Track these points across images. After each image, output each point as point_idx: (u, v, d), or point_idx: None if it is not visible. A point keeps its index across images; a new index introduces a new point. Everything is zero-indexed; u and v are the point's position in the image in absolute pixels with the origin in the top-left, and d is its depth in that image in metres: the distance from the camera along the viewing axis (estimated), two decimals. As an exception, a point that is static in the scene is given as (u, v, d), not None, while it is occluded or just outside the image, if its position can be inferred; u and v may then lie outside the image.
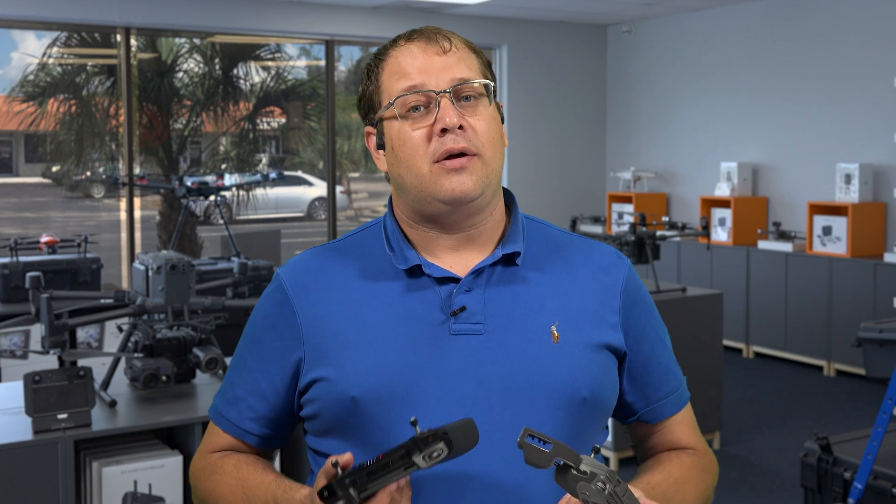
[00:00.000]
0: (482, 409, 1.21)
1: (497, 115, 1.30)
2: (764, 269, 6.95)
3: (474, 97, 1.26)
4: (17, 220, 8.11)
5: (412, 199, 1.27)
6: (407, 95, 1.24)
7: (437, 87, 1.24)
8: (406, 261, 1.27)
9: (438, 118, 1.23)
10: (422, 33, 1.28)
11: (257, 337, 1.33)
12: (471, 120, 1.24)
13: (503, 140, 1.30)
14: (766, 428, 5.26)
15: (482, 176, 1.24)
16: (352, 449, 1.24)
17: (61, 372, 2.50)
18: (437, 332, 1.24)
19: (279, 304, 1.31)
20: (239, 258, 5.11)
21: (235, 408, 1.34)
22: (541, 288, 1.29)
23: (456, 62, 1.26)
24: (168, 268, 2.84)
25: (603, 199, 8.86)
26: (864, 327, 2.97)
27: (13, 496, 2.37)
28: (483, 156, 1.24)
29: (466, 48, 1.29)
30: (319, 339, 1.27)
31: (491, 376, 1.22)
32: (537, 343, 1.25)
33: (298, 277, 1.31)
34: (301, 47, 8.80)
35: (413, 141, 1.24)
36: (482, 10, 7.94)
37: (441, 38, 1.27)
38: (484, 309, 1.25)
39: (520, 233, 1.31)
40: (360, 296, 1.28)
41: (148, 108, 7.93)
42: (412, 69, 1.25)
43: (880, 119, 6.59)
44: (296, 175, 9.13)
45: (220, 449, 1.36)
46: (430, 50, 1.26)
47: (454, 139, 1.22)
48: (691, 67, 8.13)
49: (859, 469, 2.74)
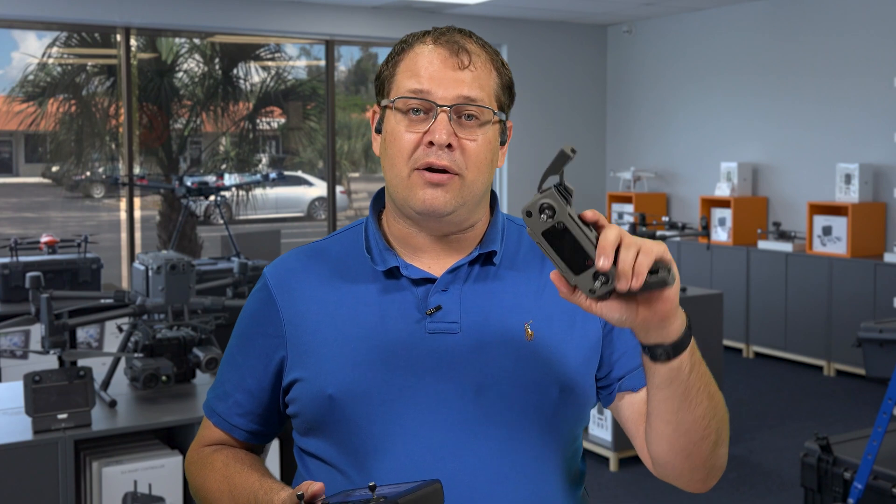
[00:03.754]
0: (455, 407, 1.23)
1: (496, 137, 1.29)
2: (764, 269, 6.95)
3: (476, 117, 1.25)
4: (17, 220, 8.11)
5: (393, 192, 1.29)
6: (410, 98, 1.25)
7: (440, 101, 1.24)
8: (384, 263, 1.29)
9: (430, 130, 1.23)
10: (448, 41, 1.27)
11: (244, 334, 1.36)
12: (464, 140, 1.24)
13: (494, 163, 1.29)
14: (766, 428, 5.26)
15: (457, 195, 1.24)
16: (331, 446, 1.26)
17: (61, 372, 2.50)
18: (413, 330, 1.25)
19: (264, 302, 1.33)
20: (239, 258, 5.10)
21: (224, 403, 1.37)
22: (516, 286, 1.30)
23: (470, 80, 1.25)
24: (168, 268, 2.84)
25: (603, 199, 8.86)
26: (864, 327, 2.97)
27: (13, 496, 2.37)
28: (464, 177, 1.24)
29: (488, 66, 1.28)
30: (300, 337, 1.29)
31: (464, 374, 1.24)
32: (511, 341, 1.26)
33: (282, 276, 1.33)
34: (301, 47, 8.81)
35: (402, 142, 1.25)
36: (482, 10, 7.94)
37: (463, 54, 1.26)
38: (459, 308, 1.26)
39: (498, 233, 1.32)
40: (338, 295, 1.29)
41: (148, 108, 7.93)
42: (425, 74, 1.25)
43: (880, 119, 6.59)
44: (296, 175, 9.13)
45: (212, 443, 1.40)
46: (449, 62, 1.25)
47: (439, 155, 1.23)
48: (691, 67, 8.13)
49: (859, 469, 2.74)
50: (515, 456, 1.23)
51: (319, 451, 1.28)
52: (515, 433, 1.24)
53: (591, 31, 8.87)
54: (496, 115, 1.27)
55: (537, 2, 7.66)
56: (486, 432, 1.23)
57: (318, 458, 1.29)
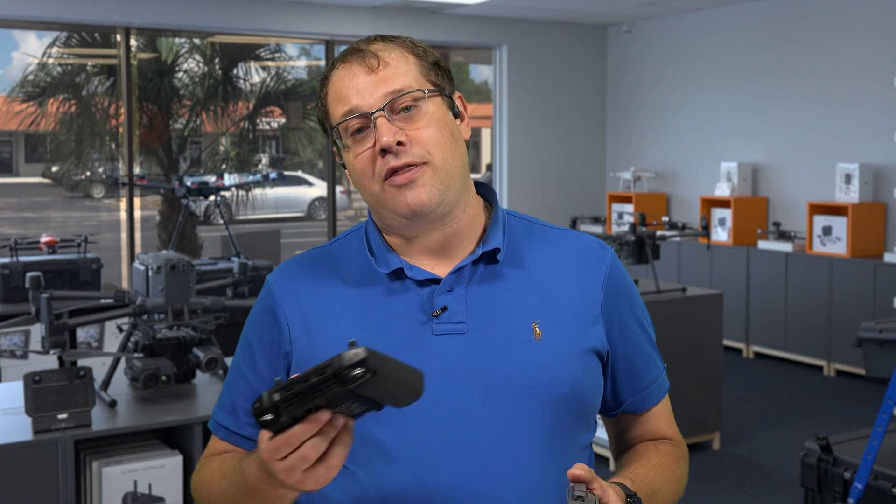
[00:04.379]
0: (464, 408, 1.22)
1: (446, 113, 1.28)
2: (764, 269, 6.95)
3: (413, 107, 1.25)
4: (17, 220, 8.11)
5: (377, 214, 1.29)
6: (346, 121, 1.25)
7: (369, 108, 1.24)
8: (388, 265, 1.28)
9: (376, 139, 1.23)
10: (354, 51, 1.27)
11: (250, 343, 1.35)
12: (411, 132, 1.24)
13: (457, 137, 1.28)
14: (766, 428, 5.26)
15: (435, 183, 1.24)
16: None
17: (61, 372, 2.50)
18: (419, 332, 1.25)
19: (269, 309, 1.33)
20: (239, 258, 5.11)
21: (233, 416, 1.35)
22: (522, 285, 1.29)
23: (389, 75, 1.25)
24: (168, 268, 2.84)
25: (603, 199, 8.86)
26: (864, 327, 2.97)
27: (13, 496, 2.37)
28: (432, 163, 1.24)
29: (401, 54, 1.27)
30: (306, 342, 1.28)
31: (473, 375, 1.23)
32: (519, 341, 1.25)
33: (286, 283, 1.33)
34: (301, 47, 8.81)
35: (360, 165, 1.25)
36: (482, 10, 7.94)
37: (369, 56, 1.25)
38: (465, 308, 1.26)
39: (500, 229, 1.31)
40: (344, 300, 1.29)
41: (148, 108, 7.93)
42: (348, 91, 1.25)
43: (880, 119, 6.59)
44: (296, 175, 9.13)
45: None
46: (359, 70, 1.25)
47: (396, 157, 1.23)
48: (691, 67, 8.13)
49: (859, 469, 2.74)
50: (525, 456, 1.23)
51: None
52: (524, 433, 1.23)
53: (591, 31, 8.87)
54: (430, 94, 1.26)
55: (537, 2, 7.66)
56: (495, 432, 1.22)
57: None
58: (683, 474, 1.37)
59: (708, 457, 4.75)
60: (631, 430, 1.41)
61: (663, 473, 1.31)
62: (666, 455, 1.35)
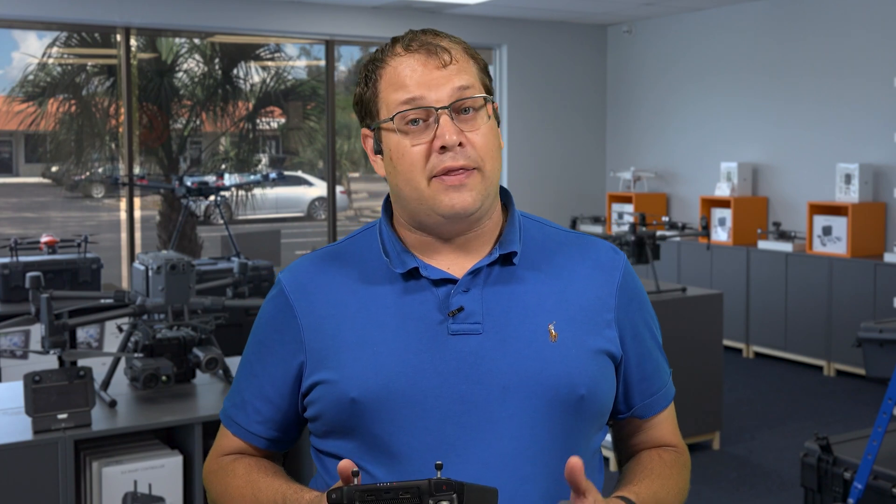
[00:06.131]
0: (480, 408, 1.22)
1: (494, 123, 1.29)
2: (764, 269, 6.95)
3: (473, 109, 1.25)
4: (17, 220, 8.11)
5: (411, 209, 1.28)
6: (406, 111, 1.24)
7: (436, 103, 1.23)
8: (403, 265, 1.28)
9: (438, 135, 1.22)
10: (422, 45, 1.26)
11: (261, 341, 1.35)
12: (470, 135, 1.24)
13: (500, 147, 1.30)
14: (766, 428, 5.26)
15: (481, 190, 1.24)
16: (353, 449, 1.25)
17: (61, 372, 2.50)
18: (435, 332, 1.25)
19: (281, 308, 1.32)
20: (239, 258, 5.10)
21: (243, 411, 1.36)
22: (538, 287, 1.29)
23: (456, 73, 1.25)
24: (168, 268, 2.84)
25: (603, 199, 8.86)
26: (864, 327, 2.97)
27: (13, 496, 2.37)
28: (483, 169, 1.25)
29: (465, 55, 1.28)
30: (320, 342, 1.28)
31: (489, 375, 1.23)
32: (535, 342, 1.25)
33: (299, 282, 1.32)
34: (301, 47, 8.80)
35: (411, 156, 1.24)
36: (482, 10, 7.94)
37: (441, 51, 1.25)
38: (482, 309, 1.26)
39: (517, 232, 1.32)
40: (358, 299, 1.28)
41: (148, 108, 7.93)
42: (411, 82, 1.24)
43: (880, 119, 6.59)
44: (296, 175, 9.13)
45: (231, 452, 1.38)
46: (430, 63, 1.25)
47: (453, 157, 1.22)
48: (691, 67, 8.13)
49: (859, 469, 2.74)
50: (541, 456, 1.23)
51: (341, 451, 1.27)
52: (541, 434, 1.23)
53: (591, 31, 8.87)
54: (488, 101, 1.27)
55: (537, 2, 7.66)
56: (512, 433, 1.22)
57: (339, 458, 1.27)
58: (686, 483, 1.38)
59: (708, 457, 4.75)
60: (636, 436, 1.41)
61: (668, 484, 1.32)
62: (670, 465, 1.36)
